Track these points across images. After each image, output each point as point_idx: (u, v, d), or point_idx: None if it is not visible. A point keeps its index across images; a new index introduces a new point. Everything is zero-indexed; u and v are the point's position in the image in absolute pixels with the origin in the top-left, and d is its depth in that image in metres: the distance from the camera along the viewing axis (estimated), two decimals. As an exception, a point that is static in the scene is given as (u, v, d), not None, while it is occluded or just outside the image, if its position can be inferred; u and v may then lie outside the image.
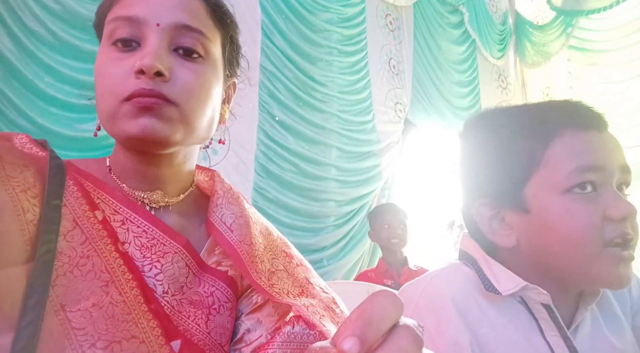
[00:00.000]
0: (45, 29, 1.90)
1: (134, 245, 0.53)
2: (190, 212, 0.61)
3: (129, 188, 0.57)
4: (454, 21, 4.06)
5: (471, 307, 0.61)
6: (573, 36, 4.26)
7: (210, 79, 0.55)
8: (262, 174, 2.64)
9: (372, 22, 3.41)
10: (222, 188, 0.63)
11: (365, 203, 3.15)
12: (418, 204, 3.43)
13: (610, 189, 0.57)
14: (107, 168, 0.58)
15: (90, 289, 0.47)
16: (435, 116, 3.76)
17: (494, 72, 4.42)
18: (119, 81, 0.50)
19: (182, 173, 0.60)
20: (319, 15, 3.02)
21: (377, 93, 3.33)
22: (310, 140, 2.88)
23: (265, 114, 2.70)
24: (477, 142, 0.68)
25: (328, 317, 0.56)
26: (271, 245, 0.62)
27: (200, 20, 0.54)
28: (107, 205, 0.54)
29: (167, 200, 0.58)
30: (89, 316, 0.46)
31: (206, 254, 0.58)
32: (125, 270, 0.50)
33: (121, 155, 0.57)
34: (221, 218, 0.59)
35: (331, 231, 2.91)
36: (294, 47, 2.87)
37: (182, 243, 0.55)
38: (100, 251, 0.50)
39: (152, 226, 0.55)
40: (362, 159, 3.17)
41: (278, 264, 0.60)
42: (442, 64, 3.88)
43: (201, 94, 0.54)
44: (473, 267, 0.65)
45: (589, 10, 4.13)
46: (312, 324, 0.54)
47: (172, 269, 0.54)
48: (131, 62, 0.50)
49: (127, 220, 0.54)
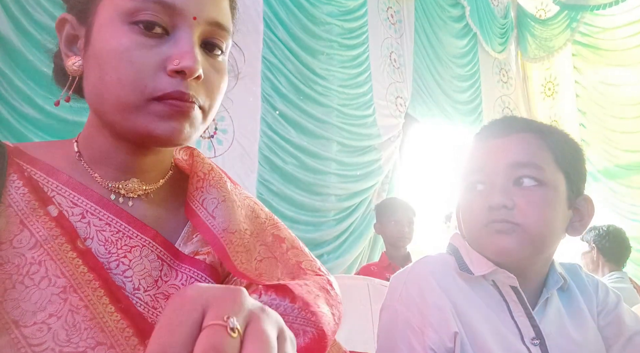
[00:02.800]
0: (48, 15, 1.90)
1: (97, 240, 0.48)
2: (168, 197, 0.56)
3: (101, 178, 0.52)
4: (455, 15, 4.04)
5: (449, 281, 0.72)
6: (579, 31, 4.24)
7: (226, 74, 0.54)
8: (266, 166, 2.64)
9: (373, 15, 3.39)
10: (202, 168, 0.58)
11: (366, 198, 3.15)
12: (418, 198, 3.42)
13: (492, 185, 0.72)
14: (76, 154, 0.53)
15: (46, 298, 0.43)
16: (435, 110, 3.75)
17: (495, 66, 4.40)
18: (147, 74, 0.46)
19: (164, 158, 0.57)
20: (320, 8, 3.00)
21: (377, 87, 3.32)
22: (311, 134, 2.88)
23: (267, 105, 2.69)
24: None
25: (323, 298, 0.54)
26: (258, 229, 0.58)
27: (228, 19, 0.52)
28: (63, 197, 0.49)
29: (145, 188, 0.54)
30: (47, 329, 0.42)
31: (183, 242, 0.55)
32: (84, 270, 0.45)
33: (98, 140, 0.52)
34: (202, 203, 0.55)
35: (332, 225, 2.90)
36: (295, 39, 2.85)
37: (151, 235, 0.51)
38: (54, 254, 0.45)
39: (116, 218, 0.50)
40: (362, 154, 3.16)
41: (266, 251, 0.56)
42: (443, 57, 3.87)
43: (221, 93, 0.53)
44: (454, 254, 0.77)
45: (594, 5, 4.11)
46: (306, 303, 0.51)
47: (142, 263, 0.50)
48: (160, 54, 0.47)
49: (87, 213, 0.49)
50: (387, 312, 0.74)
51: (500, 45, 4.38)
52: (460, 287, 0.72)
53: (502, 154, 0.73)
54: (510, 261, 0.71)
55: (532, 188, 0.70)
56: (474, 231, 0.74)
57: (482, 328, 0.68)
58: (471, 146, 0.79)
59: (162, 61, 0.46)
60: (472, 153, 0.77)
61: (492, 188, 0.72)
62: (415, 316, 0.69)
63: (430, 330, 0.67)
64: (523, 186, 0.71)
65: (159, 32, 0.47)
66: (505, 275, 0.71)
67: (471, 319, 0.69)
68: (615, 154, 4.02)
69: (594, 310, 0.78)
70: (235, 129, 2.51)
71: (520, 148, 0.72)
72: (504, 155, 0.72)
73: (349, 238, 3.00)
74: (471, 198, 0.75)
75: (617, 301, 0.79)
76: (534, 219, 0.69)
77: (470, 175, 0.75)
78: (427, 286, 0.71)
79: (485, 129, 0.79)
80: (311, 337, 0.51)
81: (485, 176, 0.73)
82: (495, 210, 0.70)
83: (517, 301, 0.72)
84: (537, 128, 0.75)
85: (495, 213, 0.70)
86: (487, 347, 0.67)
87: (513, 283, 0.71)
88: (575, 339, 0.72)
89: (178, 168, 0.60)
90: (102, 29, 0.48)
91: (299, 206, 2.73)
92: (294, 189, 2.72)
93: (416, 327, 0.68)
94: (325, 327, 0.51)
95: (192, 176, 0.56)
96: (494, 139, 0.75)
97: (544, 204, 0.70)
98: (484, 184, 0.73)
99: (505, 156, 0.72)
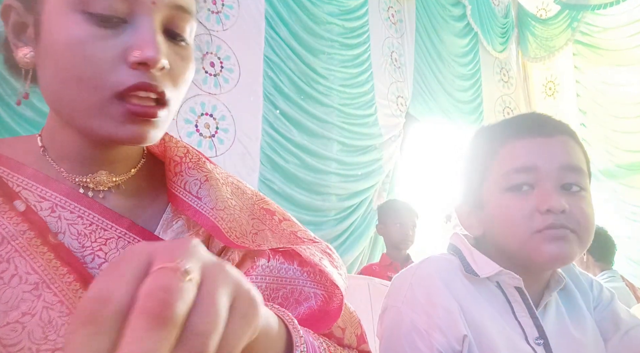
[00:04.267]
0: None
1: (69, 234, 0.46)
2: (142, 186, 0.54)
3: (67, 172, 0.49)
4: (456, 14, 4.03)
5: (455, 282, 0.71)
6: (579, 31, 4.24)
7: (192, 61, 0.50)
8: (267, 166, 2.63)
9: (374, 15, 3.38)
10: (177, 152, 0.55)
11: (367, 198, 3.14)
12: (419, 198, 3.42)
13: (545, 188, 0.68)
14: (41, 148, 0.50)
15: (17, 297, 0.41)
16: (436, 109, 3.75)
17: (496, 65, 4.40)
18: (105, 68, 0.42)
19: (135, 149, 0.53)
20: (321, 7, 3.00)
21: (379, 86, 3.31)
22: (312, 133, 2.87)
23: (269, 104, 2.69)
24: (460, 158, 0.83)
25: (327, 260, 0.54)
26: (247, 204, 0.56)
27: (191, 1, 0.48)
28: (30, 191, 0.46)
29: (115, 179, 0.51)
30: (21, 328, 0.40)
31: (162, 230, 0.52)
32: (57, 264, 0.43)
33: (62, 135, 0.49)
34: (184, 186, 0.53)
35: (333, 225, 2.90)
36: (297, 38, 2.85)
37: (126, 225, 0.49)
38: (23, 250, 0.43)
39: (89, 210, 0.48)
40: (363, 153, 3.16)
41: (259, 224, 0.55)
42: (444, 57, 3.86)
43: (187, 82, 0.49)
44: (457, 255, 0.75)
45: (595, 5, 4.10)
46: (313, 263, 0.50)
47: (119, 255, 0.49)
48: (119, 45, 0.43)
49: (57, 206, 0.47)
50: (390, 313, 0.73)
51: (501, 44, 4.37)
52: (467, 288, 0.71)
53: (553, 156, 0.69)
54: (559, 267, 0.71)
55: (578, 193, 0.69)
56: (519, 235, 0.69)
57: (489, 329, 0.68)
58: (507, 143, 0.72)
59: (122, 52, 0.43)
60: (512, 151, 0.71)
61: (544, 190, 0.68)
62: (421, 318, 0.68)
63: (438, 333, 0.66)
64: (571, 191, 0.68)
65: (115, 22, 0.43)
66: (510, 276, 0.70)
67: (478, 321, 0.68)
68: (616, 154, 4.01)
69: (590, 306, 0.78)
70: (236, 128, 2.51)
71: (567, 152, 0.70)
72: (554, 157, 0.69)
73: (350, 237, 2.99)
74: (514, 199, 0.69)
75: (611, 297, 0.80)
76: (586, 225, 0.68)
77: (514, 175, 0.70)
78: (433, 287, 0.70)
79: (522, 126, 0.73)
80: (322, 300, 0.52)
81: (534, 177, 0.69)
82: (552, 215, 0.66)
83: (520, 301, 0.71)
84: (571, 131, 0.73)
85: (551, 217, 0.66)
86: (493, 348, 0.67)
87: (518, 284, 0.70)
88: (576, 337, 0.72)
89: (151, 155, 0.57)
90: (51, 18, 0.44)
91: (299, 206, 2.73)
92: (295, 188, 2.72)
93: (422, 329, 0.67)
94: (338, 283, 0.51)
95: (168, 163, 0.54)
96: (538, 137, 0.70)
97: (590, 211, 0.69)
98: (532, 186, 0.69)
99: (556, 158, 0.69)
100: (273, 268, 0.51)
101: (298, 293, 0.52)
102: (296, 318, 0.47)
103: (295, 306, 0.51)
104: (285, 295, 0.51)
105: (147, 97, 0.44)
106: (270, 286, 0.51)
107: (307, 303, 0.52)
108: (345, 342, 0.54)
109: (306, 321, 0.50)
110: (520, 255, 0.70)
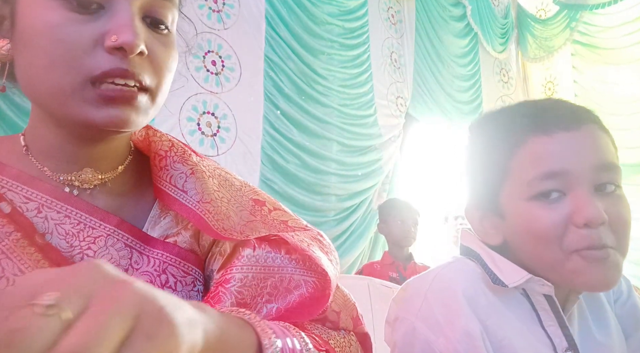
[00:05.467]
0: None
1: (57, 234, 0.45)
2: (130, 183, 0.53)
3: (51, 171, 0.48)
4: (456, 14, 4.04)
5: (480, 299, 0.62)
6: (578, 31, 4.24)
7: (175, 49, 0.49)
8: (268, 165, 2.63)
9: (374, 15, 3.38)
10: (162, 146, 0.54)
11: (366, 198, 3.14)
12: (419, 198, 3.42)
13: (579, 194, 0.57)
14: (23, 148, 0.49)
15: None
16: (436, 110, 3.75)
17: (496, 66, 4.40)
18: (81, 52, 0.41)
19: (119, 145, 0.52)
20: (321, 8, 3.00)
21: (378, 87, 3.31)
22: (311, 133, 2.87)
23: (270, 104, 2.69)
24: (467, 149, 0.71)
25: (316, 246, 0.53)
26: (235, 196, 0.55)
27: None
28: (15, 193, 0.46)
29: (102, 177, 0.50)
30: None
31: (150, 227, 0.52)
32: (46, 265, 0.42)
33: (44, 132, 0.48)
34: (170, 180, 0.52)
35: (333, 225, 2.90)
36: (297, 38, 2.85)
37: (115, 223, 0.48)
38: (10, 251, 0.42)
39: (76, 210, 0.47)
40: (363, 154, 3.16)
41: (248, 215, 0.54)
42: (443, 57, 3.86)
43: (170, 73, 0.48)
44: (477, 261, 0.66)
45: (593, 4, 4.11)
46: (300, 249, 0.49)
47: (109, 253, 0.47)
48: (96, 29, 0.42)
49: (44, 206, 0.46)
50: (403, 326, 0.64)
51: (500, 45, 4.37)
52: (491, 302, 0.62)
53: (583, 155, 0.58)
54: None
55: (614, 193, 0.59)
56: (552, 255, 0.58)
57: (515, 347, 0.60)
58: (527, 140, 0.61)
59: (99, 36, 0.42)
60: (534, 152, 0.60)
61: (578, 198, 0.57)
62: (438, 339, 0.60)
63: None
64: (606, 192, 0.59)
65: (93, 8, 0.42)
66: (540, 284, 0.61)
67: (503, 340, 0.60)
68: (614, 153, 4.02)
69: (611, 299, 0.72)
70: (237, 127, 2.51)
71: (598, 146, 0.59)
72: (586, 156, 0.58)
73: (350, 238, 2.99)
74: (542, 209, 0.58)
75: (628, 288, 0.73)
76: (624, 235, 0.58)
77: (540, 181, 0.59)
78: (454, 306, 0.61)
79: (542, 118, 0.61)
80: (313, 286, 0.50)
81: (564, 183, 0.58)
82: (591, 230, 0.56)
83: (549, 310, 0.62)
84: (596, 117, 0.62)
85: (591, 234, 0.56)
86: None
87: (549, 291, 0.61)
88: (602, 343, 0.66)
89: (139, 151, 0.57)
90: (28, 7, 0.43)
91: (300, 206, 2.73)
92: (295, 188, 2.72)
93: (438, 352, 0.60)
94: (327, 269, 0.50)
95: (152, 158, 0.54)
96: (563, 132, 0.59)
97: (628, 215, 0.59)
98: (562, 192, 0.58)
99: (588, 157, 0.58)
100: (259, 257, 0.50)
101: (287, 281, 0.51)
102: (287, 306, 0.46)
103: (285, 295, 0.50)
104: (274, 283, 0.50)
105: (124, 84, 0.43)
106: (257, 276, 0.49)
107: (297, 291, 0.51)
108: (341, 325, 0.54)
109: (297, 308, 0.49)
110: (552, 277, 0.60)
